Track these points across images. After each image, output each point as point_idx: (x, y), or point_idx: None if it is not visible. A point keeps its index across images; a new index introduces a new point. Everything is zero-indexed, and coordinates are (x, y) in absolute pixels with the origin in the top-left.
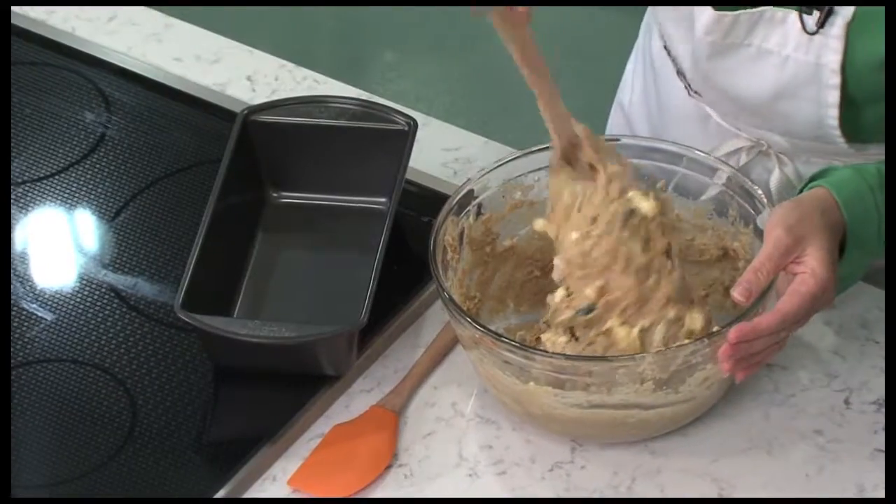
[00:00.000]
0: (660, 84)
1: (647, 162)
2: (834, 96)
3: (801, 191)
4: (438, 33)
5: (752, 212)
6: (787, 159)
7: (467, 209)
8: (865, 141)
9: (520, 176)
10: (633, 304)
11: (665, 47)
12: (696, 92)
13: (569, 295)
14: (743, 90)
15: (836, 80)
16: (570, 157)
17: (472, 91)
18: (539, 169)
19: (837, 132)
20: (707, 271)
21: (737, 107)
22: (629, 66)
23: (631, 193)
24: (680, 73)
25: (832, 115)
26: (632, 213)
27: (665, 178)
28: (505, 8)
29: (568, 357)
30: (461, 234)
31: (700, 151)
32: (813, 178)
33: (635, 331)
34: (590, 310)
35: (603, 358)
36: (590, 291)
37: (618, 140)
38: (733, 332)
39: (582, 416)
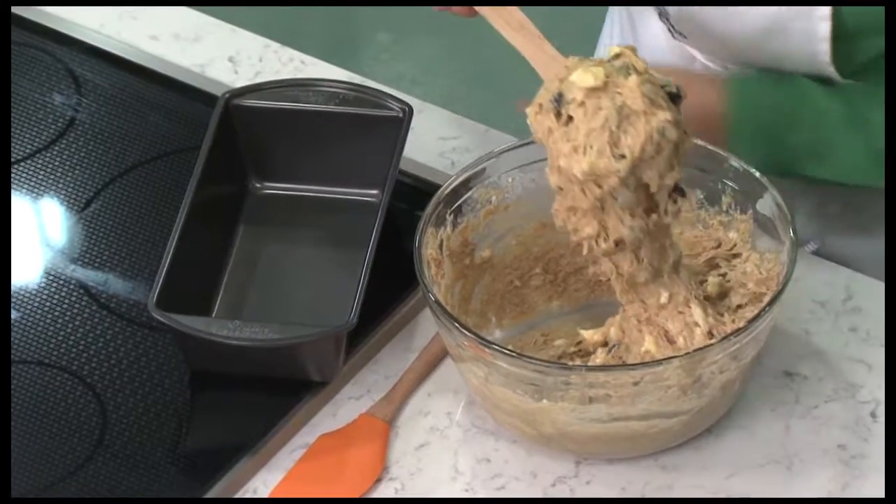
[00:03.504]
0: (639, 31)
1: None
2: (825, 28)
3: None
4: (436, 12)
5: (749, 197)
6: None
7: (445, 219)
8: (861, 76)
9: (493, 178)
10: (646, 318)
11: None
12: (679, 33)
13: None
14: (731, 29)
15: (825, 10)
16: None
17: (473, 75)
18: (513, 168)
19: (831, 68)
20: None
21: (725, 48)
22: (605, 29)
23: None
24: (663, 15)
25: (823, 49)
26: (560, 96)
27: None
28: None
29: (590, 368)
30: (441, 247)
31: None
32: None
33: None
34: (612, 347)
35: (627, 366)
36: (614, 330)
37: None
38: None
39: (602, 431)
